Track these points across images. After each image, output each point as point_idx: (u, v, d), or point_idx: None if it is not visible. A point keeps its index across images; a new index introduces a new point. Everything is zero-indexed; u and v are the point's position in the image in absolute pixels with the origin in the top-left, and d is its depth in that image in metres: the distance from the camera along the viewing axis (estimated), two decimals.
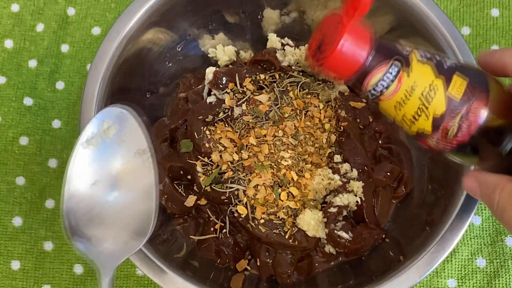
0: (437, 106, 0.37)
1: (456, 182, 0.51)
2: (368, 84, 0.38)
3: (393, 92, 0.37)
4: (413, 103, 0.37)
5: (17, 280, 0.58)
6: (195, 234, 0.57)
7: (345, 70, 0.39)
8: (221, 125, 0.56)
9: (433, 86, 0.37)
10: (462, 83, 0.36)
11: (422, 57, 0.38)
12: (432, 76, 0.37)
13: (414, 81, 0.37)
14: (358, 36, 0.38)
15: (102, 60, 0.53)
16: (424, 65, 0.37)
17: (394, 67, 0.37)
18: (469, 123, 0.36)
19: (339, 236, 0.53)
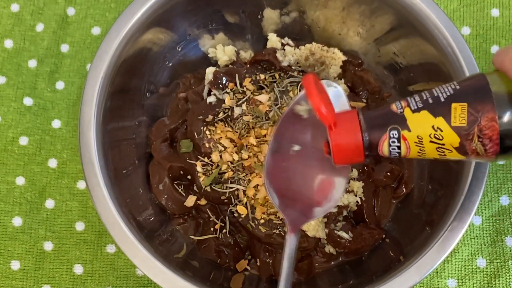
0: (451, 140, 0.38)
1: (456, 182, 0.51)
2: (384, 154, 0.41)
3: (407, 150, 0.39)
4: (430, 147, 0.39)
5: (17, 280, 0.58)
6: (195, 234, 0.57)
7: (354, 158, 0.42)
8: (221, 125, 0.56)
9: (436, 127, 0.38)
10: (462, 109, 0.37)
11: (416, 106, 0.39)
12: (431, 119, 0.38)
13: (417, 133, 0.38)
14: (347, 131, 0.41)
15: (102, 60, 0.53)
16: (420, 113, 0.38)
17: (394, 133, 0.39)
18: (489, 137, 0.36)
19: (339, 236, 0.53)
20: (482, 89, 0.37)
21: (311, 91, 0.40)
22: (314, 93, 0.40)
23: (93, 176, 0.51)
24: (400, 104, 0.40)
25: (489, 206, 0.59)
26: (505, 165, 0.60)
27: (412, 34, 0.56)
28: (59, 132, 0.63)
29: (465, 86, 0.38)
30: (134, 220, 0.52)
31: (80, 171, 0.61)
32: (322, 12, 0.60)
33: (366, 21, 0.59)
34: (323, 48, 0.60)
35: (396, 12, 0.55)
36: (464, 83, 0.38)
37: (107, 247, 0.59)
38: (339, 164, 0.43)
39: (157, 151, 0.57)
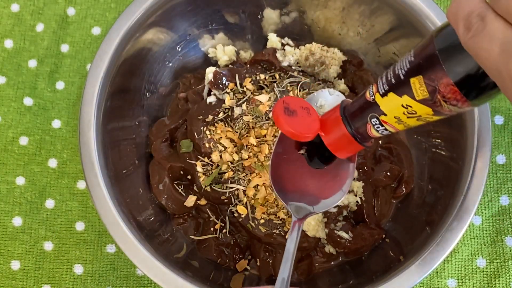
0: (424, 111, 0.38)
1: (456, 182, 0.51)
2: (376, 135, 0.42)
3: (393, 128, 0.41)
4: (411, 121, 0.39)
5: (17, 280, 0.58)
6: (195, 234, 0.57)
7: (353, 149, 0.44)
8: (221, 125, 0.56)
9: (405, 105, 0.38)
10: (420, 82, 0.37)
11: (383, 89, 0.39)
12: (398, 99, 0.38)
13: (393, 114, 0.39)
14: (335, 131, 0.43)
15: (102, 60, 0.53)
16: (388, 96, 0.39)
17: (374, 121, 0.41)
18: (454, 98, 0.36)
19: (339, 236, 0.53)
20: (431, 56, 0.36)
21: (279, 123, 0.43)
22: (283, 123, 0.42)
23: (93, 176, 0.51)
24: (372, 89, 0.41)
25: (489, 206, 0.59)
26: (505, 165, 0.60)
27: (412, 34, 0.56)
28: (59, 132, 0.63)
29: (417, 56, 0.37)
30: (134, 220, 0.52)
31: (80, 171, 0.61)
32: (322, 12, 0.60)
33: (366, 21, 0.59)
34: (323, 48, 0.60)
35: (396, 12, 0.55)
36: (416, 52, 0.37)
37: (107, 247, 0.59)
38: (344, 157, 0.45)
39: (157, 151, 0.57)
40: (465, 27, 0.32)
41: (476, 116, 0.51)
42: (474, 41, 0.31)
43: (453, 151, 0.54)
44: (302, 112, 0.44)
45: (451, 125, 0.54)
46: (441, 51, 0.35)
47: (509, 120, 0.61)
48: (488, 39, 0.30)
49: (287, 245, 0.45)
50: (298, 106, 0.44)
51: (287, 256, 0.44)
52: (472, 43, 0.31)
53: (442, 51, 0.35)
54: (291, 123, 0.43)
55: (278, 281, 0.43)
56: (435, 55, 0.35)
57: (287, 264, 0.44)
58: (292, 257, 0.44)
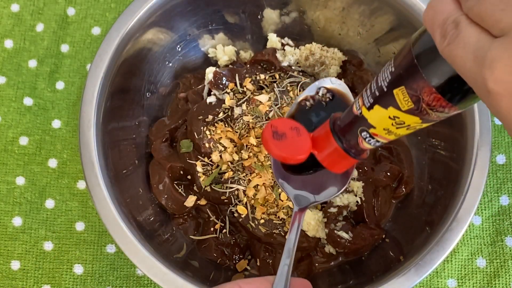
0: (412, 121, 0.38)
1: (456, 182, 0.51)
2: (367, 148, 0.42)
3: (385, 139, 0.40)
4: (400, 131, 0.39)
5: (17, 280, 0.58)
6: (195, 234, 0.57)
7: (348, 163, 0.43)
8: (221, 125, 0.56)
9: (392, 116, 0.38)
10: (403, 93, 0.36)
11: (368, 102, 0.39)
12: (384, 111, 0.38)
13: (382, 126, 0.39)
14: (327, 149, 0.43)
15: (102, 60, 0.53)
16: (374, 109, 0.38)
17: (364, 134, 0.40)
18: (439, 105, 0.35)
19: (339, 236, 0.53)
20: (410, 66, 0.35)
21: (269, 148, 0.42)
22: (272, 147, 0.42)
23: (93, 176, 0.51)
24: (358, 103, 0.40)
25: (489, 206, 0.59)
26: (505, 165, 0.60)
27: (412, 34, 0.55)
28: (59, 132, 0.63)
29: (397, 67, 0.36)
30: (134, 220, 0.52)
31: (80, 171, 0.61)
32: (322, 12, 0.60)
33: (366, 21, 0.59)
34: (323, 48, 0.60)
35: (396, 12, 0.55)
36: (396, 62, 0.37)
37: (107, 247, 0.59)
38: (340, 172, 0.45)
39: (157, 151, 0.57)
40: (441, 35, 0.31)
41: (476, 116, 0.51)
42: (450, 48, 0.30)
43: (453, 151, 0.54)
44: (292, 134, 0.44)
45: (451, 125, 0.54)
46: (419, 60, 0.34)
47: None
48: (462, 46, 0.29)
49: (289, 236, 0.44)
50: (287, 128, 0.44)
51: (289, 246, 0.44)
52: (448, 50, 0.30)
53: (420, 59, 0.34)
54: (281, 147, 0.42)
55: (279, 270, 0.43)
56: (414, 64, 0.34)
57: (288, 255, 0.43)
58: (294, 247, 0.44)
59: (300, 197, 0.48)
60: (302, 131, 0.44)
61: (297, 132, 0.44)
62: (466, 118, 0.51)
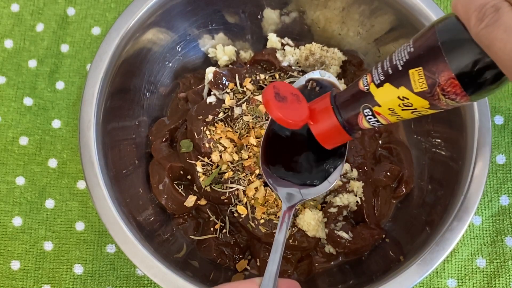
0: (421, 104, 0.37)
1: (456, 182, 0.51)
2: (366, 127, 0.41)
3: (385, 120, 0.40)
4: (405, 113, 0.39)
5: (17, 280, 0.58)
6: (195, 234, 0.57)
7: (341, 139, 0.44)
8: (221, 125, 0.56)
9: (402, 97, 0.37)
10: (419, 74, 0.36)
11: (379, 80, 0.38)
12: (395, 90, 0.37)
13: (387, 106, 0.38)
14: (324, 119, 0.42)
15: (102, 60, 0.53)
16: (383, 87, 0.38)
17: (367, 112, 0.40)
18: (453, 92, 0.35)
19: (339, 236, 0.53)
20: (433, 48, 0.35)
21: (269, 107, 0.42)
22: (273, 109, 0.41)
23: (93, 176, 0.51)
24: (366, 79, 0.40)
25: (489, 206, 0.59)
26: (505, 165, 0.60)
27: (412, 34, 0.54)
28: (59, 132, 0.63)
29: (417, 48, 0.36)
30: (134, 220, 0.52)
31: (80, 171, 0.61)
32: (322, 12, 0.60)
33: (366, 21, 0.59)
34: (323, 48, 0.60)
35: (396, 12, 0.55)
36: (417, 43, 0.37)
37: (107, 247, 0.59)
38: (330, 147, 0.45)
39: (157, 151, 0.57)
40: (477, 18, 0.32)
41: (476, 116, 0.51)
42: (488, 31, 0.31)
43: (453, 151, 0.54)
44: (292, 99, 0.43)
45: (451, 125, 0.54)
46: (444, 43, 0.34)
47: (509, 120, 0.61)
48: (503, 29, 0.30)
49: (277, 236, 0.44)
50: (288, 93, 0.43)
51: (276, 246, 0.43)
52: (486, 33, 0.31)
53: (445, 43, 0.34)
54: (282, 110, 0.42)
55: (267, 272, 0.42)
56: (437, 47, 0.34)
57: (276, 255, 0.43)
58: (282, 248, 0.43)
59: (289, 195, 0.48)
60: (301, 98, 0.44)
61: (297, 99, 0.43)
62: (466, 118, 0.51)
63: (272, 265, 0.42)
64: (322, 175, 0.49)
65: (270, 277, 0.42)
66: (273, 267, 0.42)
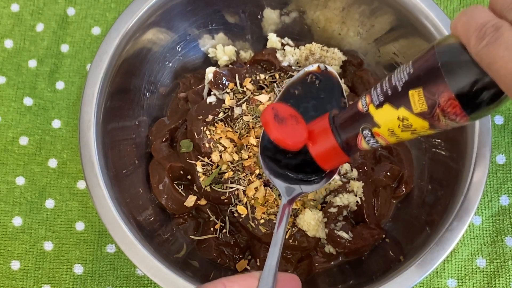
0: (420, 125, 0.38)
1: (456, 182, 0.51)
2: (365, 148, 0.41)
3: (385, 141, 0.40)
4: (404, 134, 0.39)
5: (17, 280, 0.58)
6: (195, 234, 0.57)
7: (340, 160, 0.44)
8: (221, 125, 0.56)
9: (401, 118, 0.38)
10: (419, 95, 0.36)
11: (378, 100, 0.39)
12: (394, 111, 0.38)
13: (387, 127, 0.39)
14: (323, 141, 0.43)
15: (102, 60, 0.53)
16: (383, 108, 0.38)
17: (366, 133, 0.40)
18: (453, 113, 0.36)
19: (339, 236, 0.53)
20: (432, 69, 0.35)
21: (269, 129, 0.42)
22: (273, 131, 0.42)
23: (93, 176, 0.51)
24: (365, 100, 0.40)
25: (489, 206, 0.59)
26: (505, 165, 0.60)
27: (412, 34, 0.56)
28: (59, 132, 0.63)
29: (417, 69, 0.36)
30: (134, 220, 0.52)
31: (80, 171, 0.61)
32: (322, 12, 0.60)
33: (366, 21, 0.59)
34: (323, 48, 0.60)
35: (396, 12, 0.55)
36: (416, 64, 0.37)
37: (107, 247, 0.59)
38: (328, 169, 0.45)
39: (157, 151, 0.57)
40: (478, 37, 0.32)
41: None
42: (489, 49, 0.31)
43: (453, 151, 0.54)
44: (291, 121, 0.43)
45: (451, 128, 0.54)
46: (443, 64, 0.35)
47: (509, 120, 0.61)
48: (504, 47, 0.31)
49: (276, 230, 0.44)
50: (287, 114, 0.44)
51: (276, 240, 0.43)
52: (486, 51, 0.31)
53: (444, 64, 0.35)
54: (281, 131, 0.42)
55: (266, 266, 0.42)
56: (437, 68, 0.35)
57: (276, 249, 0.42)
58: (281, 242, 0.43)
59: (288, 188, 0.48)
60: (300, 120, 0.44)
61: (296, 120, 0.44)
62: None
63: (271, 259, 0.42)
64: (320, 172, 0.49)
65: (269, 271, 0.41)
66: (272, 261, 0.42)
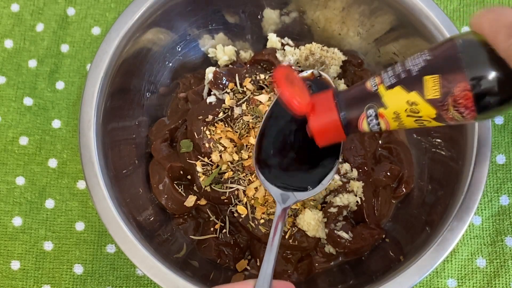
0: (428, 113, 0.38)
1: (456, 182, 0.51)
2: (364, 130, 0.41)
3: (386, 125, 0.40)
4: (408, 120, 0.39)
5: (17, 280, 0.58)
6: (195, 234, 0.57)
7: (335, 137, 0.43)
8: (221, 125, 0.56)
9: (411, 102, 0.38)
10: (434, 81, 0.36)
11: (390, 82, 0.39)
12: (405, 94, 0.38)
13: (393, 109, 0.39)
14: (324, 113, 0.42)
15: (102, 60, 0.53)
16: (394, 89, 0.38)
17: (370, 112, 0.40)
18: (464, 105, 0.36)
19: (339, 236, 0.53)
20: (452, 58, 0.36)
21: (280, 85, 0.41)
22: (283, 87, 0.41)
23: (93, 176, 0.51)
24: (375, 80, 0.40)
25: (489, 206, 0.59)
26: (505, 165, 0.60)
27: (412, 34, 0.56)
28: (59, 132, 0.63)
29: (436, 57, 0.37)
30: (134, 220, 0.52)
31: (80, 171, 0.61)
32: (322, 12, 0.60)
33: (366, 21, 0.59)
34: (323, 48, 0.60)
35: (396, 12, 0.55)
36: (435, 53, 0.37)
37: (107, 247, 0.59)
38: (322, 144, 0.44)
39: (157, 151, 0.57)
40: (507, 34, 0.33)
41: None
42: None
43: (453, 151, 0.54)
44: (299, 84, 0.43)
45: (451, 125, 0.54)
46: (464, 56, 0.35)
47: (509, 120, 0.61)
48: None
49: (271, 237, 0.44)
50: (296, 78, 0.43)
51: (271, 248, 0.43)
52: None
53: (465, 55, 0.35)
54: (290, 90, 0.42)
55: (261, 273, 0.42)
56: (457, 58, 0.35)
57: (271, 256, 0.43)
58: (276, 249, 0.43)
59: (283, 196, 0.48)
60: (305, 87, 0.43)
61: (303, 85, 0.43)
62: None
63: (267, 266, 0.42)
64: (315, 178, 0.49)
65: (265, 279, 0.42)
66: (268, 268, 0.42)
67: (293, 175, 0.49)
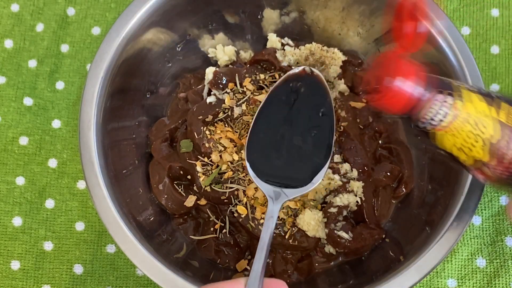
0: (493, 132, 0.37)
1: (456, 182, 0.51)
2: (425, 116, 0.39)
3: (451, 120, 0.38)
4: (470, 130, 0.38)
5: (17, 280, 0.58)
6: (195, 234, 0.57)
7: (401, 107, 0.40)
8: (221, 125, 0.56)
9: (486, 114, 0.37)
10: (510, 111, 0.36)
11: (471, 89, 0.39)
12: (484, 105, 0.38)
13: (468, 110, 0.38)
14: (412, 75, 0.39)
15: (102, 60, 0.53)
16: (475, 94, 0.38)
17: (449, 99, 0.38)
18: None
19: (339, 236, 0.53)
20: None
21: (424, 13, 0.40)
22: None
23: (93, 176, 0.51)
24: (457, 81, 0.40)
25: (489, 206, 0.59)
26: None
27: None
28: (59, 132, 0.63)
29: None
30: (134, 220, 0.52)
31: (80, 171, 0.61)
32: (322, 12, 0.60)
33: (366, 21, 0.59)
34: (323, 48, 0.60)
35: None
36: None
37: (107, 247, 0.59)
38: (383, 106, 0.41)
39: (157, 151, 0.57)
40: None
41: None
42: None
43: None
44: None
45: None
46: None
47: None
48: None
49: (262, 234, 0.44)
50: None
51: (262, 245, 0.43)
52: None
53: None
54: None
55: (252, 271, 0.42)
56: None
57: (262, 254, 0.43)
58: (267, 247, 0.43)
59: (276, 193, 0.48)
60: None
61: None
62: None
63: (257, 264, 0.42)
64: (307, 176, 0.49)
65: (255, 277, 0.41)
66: (258, 266, 0.42)
67: (285, 173, 0.49)
